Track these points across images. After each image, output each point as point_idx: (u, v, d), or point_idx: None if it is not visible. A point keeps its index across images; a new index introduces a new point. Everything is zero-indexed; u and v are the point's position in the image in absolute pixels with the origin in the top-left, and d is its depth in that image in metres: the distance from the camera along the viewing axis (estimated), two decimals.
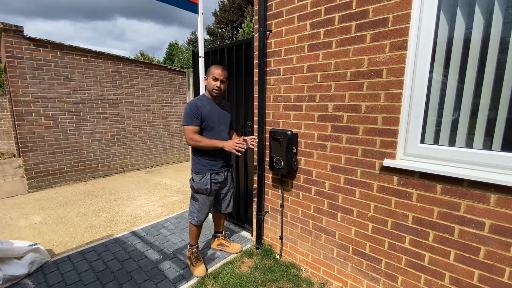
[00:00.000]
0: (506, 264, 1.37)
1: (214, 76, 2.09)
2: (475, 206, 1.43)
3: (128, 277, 2.24)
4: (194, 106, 2.08)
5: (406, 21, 1.54)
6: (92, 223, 3.27)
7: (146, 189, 4.61)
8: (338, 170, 1.98)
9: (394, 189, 1.71)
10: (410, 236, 1.68)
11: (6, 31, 4.01)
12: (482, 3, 1.41)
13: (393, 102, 1.65)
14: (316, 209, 2.17)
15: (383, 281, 1.85)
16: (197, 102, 2.12)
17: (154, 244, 2.75)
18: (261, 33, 2.23)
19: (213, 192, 2.23)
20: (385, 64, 1.65)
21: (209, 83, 2.12)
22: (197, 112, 2.06)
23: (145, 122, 5.89)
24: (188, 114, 2.06)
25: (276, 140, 2.21)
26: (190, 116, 2.05)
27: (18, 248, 2.25)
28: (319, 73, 1.97)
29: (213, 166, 2.20)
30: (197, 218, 2.25)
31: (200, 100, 2.15)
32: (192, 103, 2.10)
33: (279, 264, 2.38)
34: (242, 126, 2.88)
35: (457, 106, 1.54)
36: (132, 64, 5.52)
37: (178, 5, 2.71)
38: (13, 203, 3.93)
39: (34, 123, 4.42)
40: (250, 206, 2.91)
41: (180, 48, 19.76)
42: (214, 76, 2.09)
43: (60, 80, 4.58)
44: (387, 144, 1.71)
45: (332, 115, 1.95)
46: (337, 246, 2.08)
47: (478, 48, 1.44)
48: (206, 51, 3.04)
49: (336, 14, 1.82)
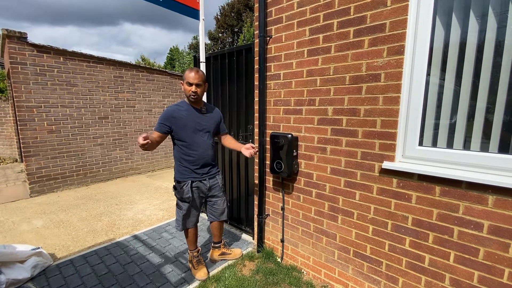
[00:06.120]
0: (506, 265, 1.38)
1: (188, 81, 2.00)
2: (473, 207, 1.45)
3: (130, 280, 2.25)
4: (169, 113, 2.03)
5: (403, 26, 1.57)
6: (94, 227, 3.29)
7: (148, 193, 4.63)
8: (338, 173, 2.00)
9: (393, 191, 1.73)
10: (410, 238, 1.70)
11: (10, 37, 4.08)
12: (477, 7, 1.44)
13: (392, 106, 1.67)
14: (317, 212, 2.18)
15: (384, 283, 1.86)
16: (172, 108, 2.06)
17: (155, 248, 2.76)
18: (261, 38, 2.27)
19: (196, 200, 2.17)
20: (383, 68, 1.68)
21: (185, 88, 2.03)
22: (168, 119, 2.01)
23: (147, 126, 5.93)
24: (159, 119, 2.03)
25: (277, 143, 2.23)
26: (160, 121, 2.02)
27: (21, 252, 2.26)
28: (318, 77, 2.01)
29: (193, 173, 2.12)
30: (183, 226, 2.23)
31: (177, 106, 2.09)
32: (167, 110, 2.05)
33: (281, 267, 2.39)
34: (243, 129, 2.91)
35: (454, 109, 1.57)
36: (134, 69, 5.58)
37: (180, 11, 2.77)
38: (15, 208, 3.95)
39: (37, 128, 4.46)
40: (251, 209, 2.93)
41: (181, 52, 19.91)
42: (188, 81, 2.00)
43: (62, 86, 4.64)
44: (386, 147, 1.73)
45: (331, 119, 1.98)
46: (338, 248, 2.09)
47: (474, 52, 1.47)
48: (207, 56, 3.09)
49: (334, 20, 1.86)
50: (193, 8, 2.85)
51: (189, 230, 2.29)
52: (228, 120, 3.06)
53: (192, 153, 2.09)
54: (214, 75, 3.16)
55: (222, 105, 3.10)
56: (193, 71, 2.02)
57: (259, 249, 2.64)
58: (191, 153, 2.09)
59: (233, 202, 3.19)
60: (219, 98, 3.14)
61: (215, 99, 3.21)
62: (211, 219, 2.40)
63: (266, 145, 2.43)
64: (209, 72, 3.16)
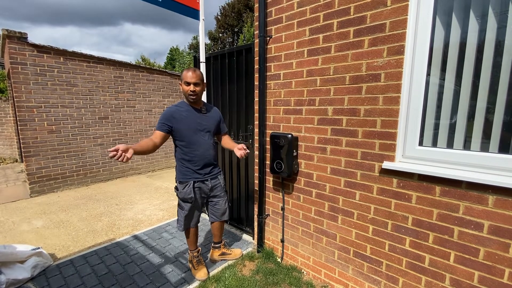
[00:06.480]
0: (506, 265, 1.38)
1: (185, 80, 2.00)
2: (473, 207, 1.45)
3: (130, 280, 2.25)
4: (168, 113, 2.03)
5: (403, 26, 1.57)
6: (94, 227, 3.29)
7: (148, 193, 4.63)
8: (338, 173, 2.00)
9: (393, 191, 1.73)
10: (410, 238, 1.70)
11: (10, 37, 4.08)
12: (477, 7, 1.44)
13: (392, 106, 1.67)
14: (317, 212, 2.18)
15: (384, 283, 1.86)
16: (173, 109, 2.06)
17: (156, 248, 2.76)
18: (261, 38, 2.27)
19: (198, 200, 2.17)
20: (383, 68, 1.68)
21: (183, 88, 2.03)
22: (169, 119, 2.01)
23: (147, 126, 5.93)
24: (160, 119, 2.03)
25: (277, 143, 2.23)
26: (160, 120, 2.02)
27: (21, 252, 2.26)
28: (318, 77, 2.01)
29: (195, 174, 2.12)
30: (185, 226, 2.24)
31: (177, 106, 2.09)
32: (167, 110, 2.06)
33: (281, 267, 2.39)
34: (243, 129, 2.91)
35: (454, 109, 1.57)
36: (134, 69, 5.58)
37: (180, 11, 2.77)
38: (15, 208, 3.95)
39: (37, 128, 4.46)
40: (251, 209, 2.93)
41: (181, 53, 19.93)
42: (185, 80, 2.00)
43: (63, 86, 4.64)
44: (386, 147, 1.73)
45: (331, 119, 1.98)
46: (338, 248, 2.09)
47: (474, 52, 1.47)
48: (207, 56, 3.09)
49: (334, 20, 1.86)
50: (193, 9, 2.85)
51: (190, 230, 2.29)
52: (228, 120, 3.06)
53: (194, 153, 2.09)
54: (214, 75, 3.16)
55: (222, 105, 3.10)
56: (190, 71, 2.01)
57: (259, 249, 2.64)
58: (193, 153, 2.09)
59: (233, 202, 3.19)
60: (219, 98, 3.14)
61: (215, 99, 3.21)
62: (212, 219, 2.40)
63: (266, 145, 2.43)
64: (209, 72, 3.16)
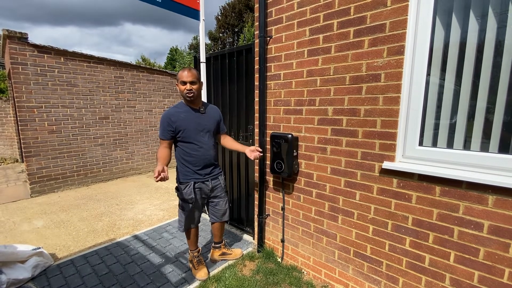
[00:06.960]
0: (506, 265, 1.38)
1: (181, 80, 1.99)
2: (473, 207, 1.45)
3: (130, 280, 2.26)
4: (166, 117, 2.02)
5: (403, 26, 1.57)
6: (95, 227, 3.29)
7: (148, 193, 4.64)
8: (338, 173, 2.00)
9: (393, 191, 1.73)
10: (410, 238, 1.70)
11: (11, 38, 4.09)
12: (477, 8, 1.44)
13: (392, 106, 1.68)
14: (317, 212, 2.19)
15: (384, 283, 1.86)
16: (170, 111, 2.05)
17: (156, 248, 2.76)
18: (261, 39, 2.28)
19: (199, 201, 2.17)
20: (383, 68, 1.68)
21: (180, 88, 2.02)
22: (169, 124, 2.01)
23: (147, 126, 5.94)
24: (160, 126, 2.03)
25: (277, 143, 2.23)
26: (162, 128, 2.03)
27: (21, 252, 2.27)
28: (318, 77, 2.01)
29: (196, 174, 2.12)
30: (185, 227, 2.24)
31: (175, 108, 2.08)
32: (165, 113, 2.04)
33: (281, 267, 2.39)
34: (244, 130, 2.91)
35: (454, 109, 1.57)
36: (134, 69, 5.59)
37: (180, 12, 2.77)
38: (16, 208, 3.95)
39: (38, 128, 4.47)
40: (251, 210, 2.93)
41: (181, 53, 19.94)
42: (181, 80, 1.99)
43: (63, 86, 4.65)
44: (386, 147, 1.73)
45: (331, 119, 1.98)
46: (338, 248, 2.09)
47: (474, 52, 1.47)
48: (207, 57, 3.09)
49: (334, 20, 1.86)
50: (193, 9, 2.85)
51: (191, 231, 2.29)
52: (228, 120, 3.06)
53: (194, 154, 2.09)
54: (214, 75, 3.16)
55: (222, 105, 3.11)
56: (186, 70, 2.00)
57: (259, 249, 2.65)
58: (193, 154, 2.09)
59: (233, 202, 3.20)
60: (219, 98, 3.14)
61: (215, 99, 3.21)
62: (213, 219, 2.40)
63: (267, 145, 2.43)
64: (209, 72, 3.17)
